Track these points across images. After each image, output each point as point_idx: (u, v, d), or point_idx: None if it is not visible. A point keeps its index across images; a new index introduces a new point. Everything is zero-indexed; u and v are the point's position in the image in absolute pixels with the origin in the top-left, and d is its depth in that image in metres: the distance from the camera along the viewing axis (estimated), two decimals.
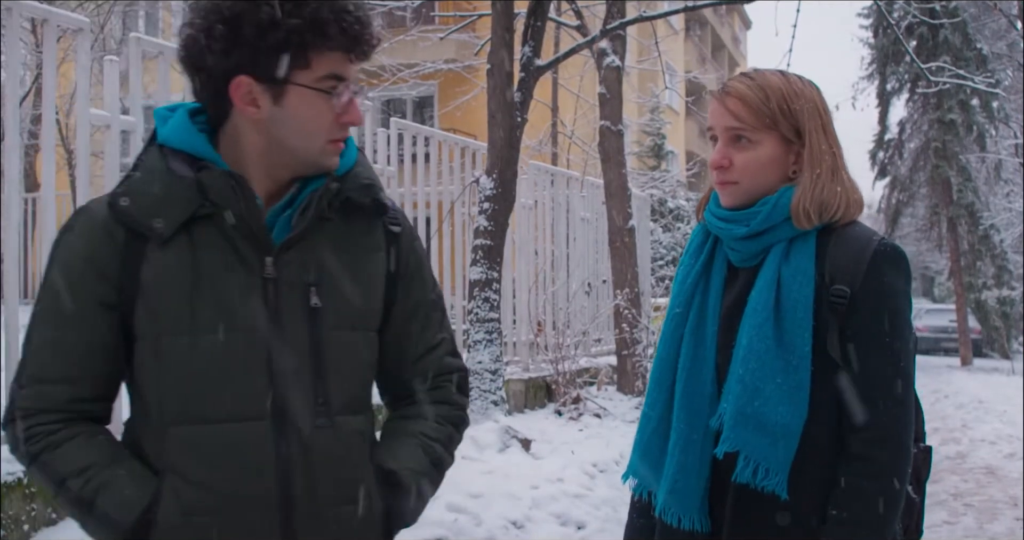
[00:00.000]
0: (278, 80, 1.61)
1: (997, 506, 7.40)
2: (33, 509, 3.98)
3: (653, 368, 2.09)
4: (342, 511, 1.69)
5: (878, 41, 26.02)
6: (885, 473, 1.85)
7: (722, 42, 41.46)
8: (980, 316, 26.00)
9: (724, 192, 1.99)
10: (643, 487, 2.07)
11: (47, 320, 1.65)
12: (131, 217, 1.62)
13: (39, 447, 1.62)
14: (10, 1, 4.37)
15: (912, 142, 27.33)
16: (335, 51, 1.62)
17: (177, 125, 1.68)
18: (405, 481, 1.75)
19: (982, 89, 15.47)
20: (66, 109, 14.52)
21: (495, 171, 7.50)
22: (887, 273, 1.88)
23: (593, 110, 15.52)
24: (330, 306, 1.69)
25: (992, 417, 12.79)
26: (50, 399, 1.64)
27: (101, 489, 1.59)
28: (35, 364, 1.65)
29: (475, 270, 7.50)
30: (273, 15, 1.57)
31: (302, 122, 1.65)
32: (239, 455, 1.62)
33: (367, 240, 1.76)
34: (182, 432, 1.62)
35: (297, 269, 1.67)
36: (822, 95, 2.01)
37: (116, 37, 16.61)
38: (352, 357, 1.73)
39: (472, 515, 5.14)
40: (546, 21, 7.99)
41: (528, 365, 9.55)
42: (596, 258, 11.57)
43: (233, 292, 1.63)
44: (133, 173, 1.66)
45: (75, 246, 1.65)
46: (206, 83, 1.65)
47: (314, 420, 1.66)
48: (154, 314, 1.62)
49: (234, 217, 1.63)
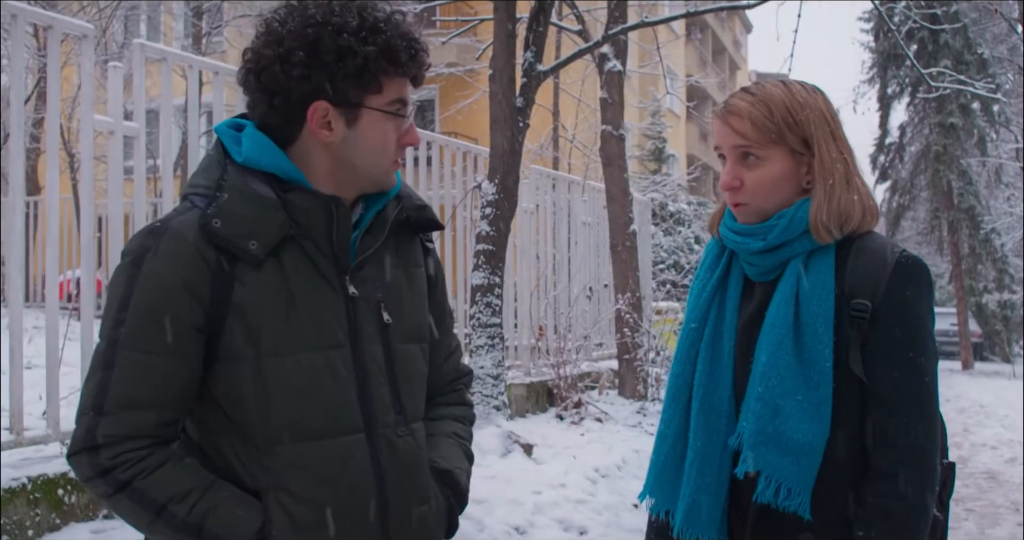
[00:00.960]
0: (353, 104, 1.70)
1: (999, 511, 7.40)
2: (37, 514, 3.99)
3: (668, 385, 2.05)
4: (419, 512, 1.80)
5: (879, 45, 26.07)
6: (912, 492, 1.80)
7: (723, 46, 41.46)
8: (981, 320, 26.03)
9: (739, 212, 1.95)
10: (660, 507, 2.02)
11: (136, 345, 1.63)
12: (225, 239, 1.65)
13: (131, 474, 1.62)
14: (13, 2, 4.38)
15: (913, 146, 27.38)
16: (403, 76, 1.72)
17: (259, 146, 1.71)
18: (461, 480, 1.91)
19: (982, 94, 15.46)
20: (68, 113, 14.53)
21: (497, 176, 7.50)
22: (909, 287, 1.84)
23: (594, 114, 15.54)
24: (396, 321, 1.80)
25: (993, 421, 12.79)
26: (140, 424, 1.64)
27: (210, 513, 1.63)
28: (124, 389, 1.63)
29: (477, 275, 7.50)
30: (351, 42, 1.65)
31: (372, 144, 1.73)
32: (342, 469, 1.69)
33: (414, 256, 1.89)
34: (290, 450, 1.67)
35: (370, 286, 1.77)
36: (828, 101, 1.96)
37: (118, 41, 16.62)
38: (416, 368, 1.85)
39: (475, 520, 5.14)
40: (548, 26, 8.00)
41: (530, 370, 9.55)
42: (597, 262, 11.57)
43: (324, 311, 1.71)
44: (220, 194, 1.67)
45: (167, 269, 1.64)
46: (280, 107, 1.69)
47: (396, 429, 1.76)
48: (253, 335, 1.66)
49: (325, 239, 1.70)
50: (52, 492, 4.07)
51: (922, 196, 27.24)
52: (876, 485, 1.81)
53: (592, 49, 8.81)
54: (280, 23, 1.68)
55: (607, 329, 11.35)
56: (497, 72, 7.54)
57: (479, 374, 7.32)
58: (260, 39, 1.69)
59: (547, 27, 7.94)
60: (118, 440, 1.62)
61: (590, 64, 13.23)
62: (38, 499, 4.00)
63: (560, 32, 13.85)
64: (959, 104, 23.89)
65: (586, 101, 18.03)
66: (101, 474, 1.62)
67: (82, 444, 1.63)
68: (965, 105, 24.02)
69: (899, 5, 16.12)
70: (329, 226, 1.70)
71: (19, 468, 4.08)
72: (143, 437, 1.64)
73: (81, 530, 4.13)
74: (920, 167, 26.66)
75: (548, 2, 7.82)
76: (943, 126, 24.32)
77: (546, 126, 18.50)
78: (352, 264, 1.75)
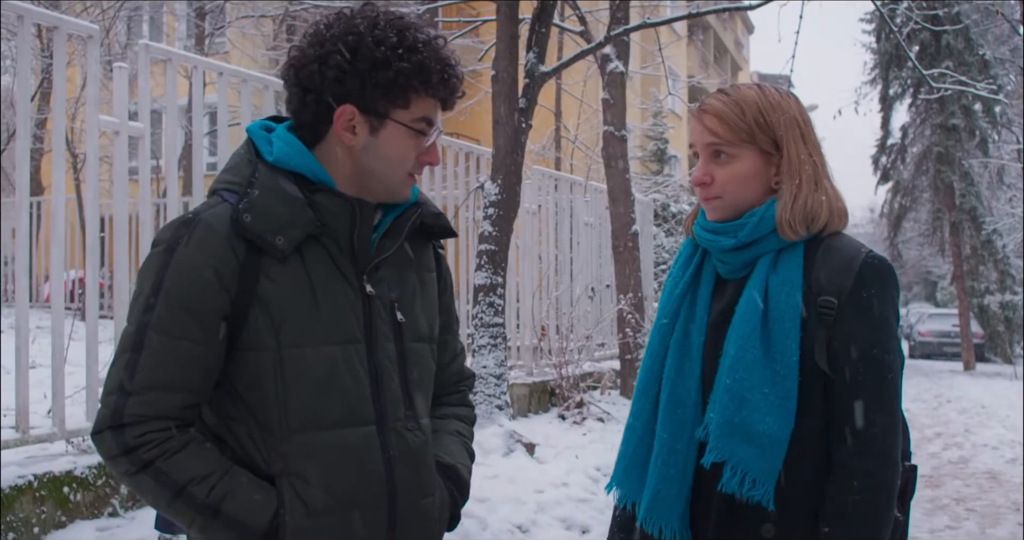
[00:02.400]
0: (379, 114, 1.79)
1: (999, 511, 7.42)
2: (43, 512, 4.01)
3: (639, 378, 2.11)
4: (424, 503, 1.88)
5: (881, 46, 26.05)
6: (874, 485, 1.85)
7: (725, 47, 41.45)
8: (983, 321, 26.00)
9: (709, 207, 2.03)
10: (627, 498, 2.07)
11: (167, 329, 1.70)
12: (254, 233, 1.73)
13: (154, 454, 1.69)
14: (19, 2, 4.40)
15: (915, 147, 27.36)
16: (432, 97, 1.81)
17: (290, 146, 1.81)
18: (464, 475, 2.00)
19: (984, 95, 15.48)
20: (71, 113, 14.56)
21: (500, 176, 7.53)
22: (874, 286, 1.89)
23: (596, 115, 15.56)
24: (409, 320, 1.89)
25: (994, 422, 12.81)
26: (165, 405, 1.70)
27: (228, 496, 1.70)
28: (153, 370, 1.69)
29: (480, 275, 7.53)
30: (387, 55, 1.74)
31: (390, 155, 1.82)
32: (355, 458, 1.78)
33: (426, 261, 1.98)
34: (306, 438, 1.75)
35: (385, 287, 1.87)
36: (801, 105, 2.03)
37: (121, 42, 16.64)
38: (425, 366, 1.94)
39: (478, 519, 5.16)
40: (550, 27, 8.02)
41: (532, 369, 9.57)
42: (599, 262, 11.59)
43: (343, 307, 1.80)
44: (251, 191, 1.76)
45: (198, 257, 1.71)
46: (311, 104, 1.79)
47: (406, 424, 1.85)
48: (276, 326, 1.74)
49: (347, 239, 1.79)
50: (58, 490, 4.10)
51: (924, 197, 27.22)
52: (839, 479, 1.86)
53: (594, 50, 8.83)
54: (327, 27, 1.79)
55: (609, 329, 11.38)
56: (500, 73, 7.57)
57: (482, 374, 7.35)
58: (306, 39, 1.80)
59: (549, 28, 7.96)
60: (144, 419, 1.68)
61: (592, 65, 13.25)
62: (44, 497, 4.03)
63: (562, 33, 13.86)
64: (961, 105, 23.87)
65: (588, 102, 18.06)
66: (126, 452, 1.68)
67: (109, 422, 1.69)
68: (967, 106, 24.00)
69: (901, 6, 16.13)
70: (352, 227, 1.80)
71: (25, 466, 4.11)
72: (168, 418, 1.70)
73: (87, 528, 4.15)
74: (922, 168, 26.64)
75: (550, 3, 7.84)
76: (945, 127, 24.29)
77: (548, 127, 18.52)
78: (370, 265, 1.83)
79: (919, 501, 7.82)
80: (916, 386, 19.13)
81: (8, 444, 4.30)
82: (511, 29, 7.72)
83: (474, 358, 7.45)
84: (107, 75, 11.61)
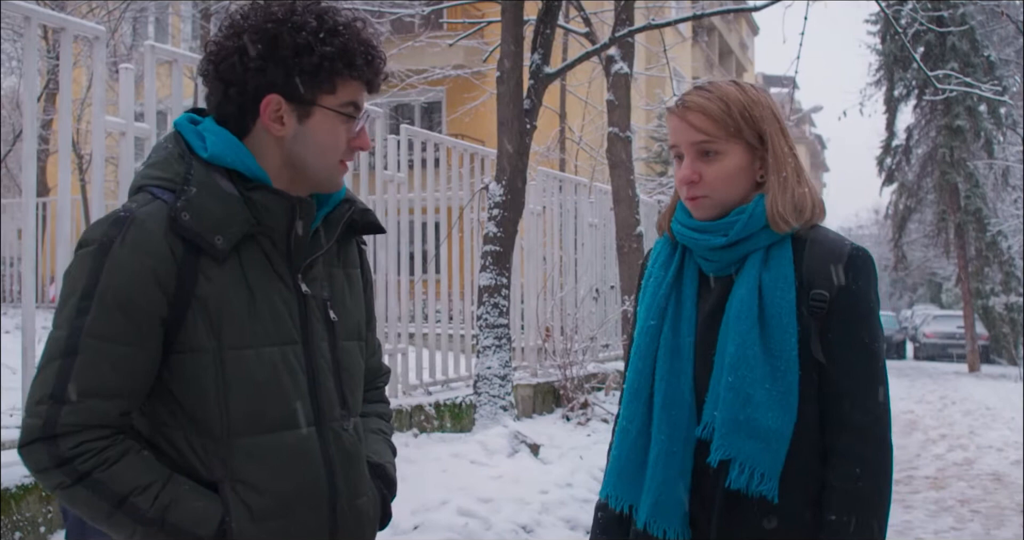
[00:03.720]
0: (306, 101, 1.74)
1: (1004, 513, 7.41)
2: (49, 511, 4.03)
3: (628, 380, 2.09)
4: (360, 502, 1.86)
5: (885, 47, 26.04)
6: (873, 470, 1.90)
7: (729, 48, 41.47)
8: (987, 322, 25.97)
9: (696, 206, 2.00)
10: (623, 502, 2.05)
11: (102, 333, 1.62)
12: (193, 232, 1.66)
13: (91, 465, 1.61)
14: (26, 3, 4.42)
15: (920, 148, 27.33)
16: (357, 80, 1.77)
17: (224, 142, 1.74)
18: (391, 473, 2.00)
19: (989, 97, 15.46)
20: (76, 114, 14.59)
21: (504, 177, 7.53)
22: (861, 277, 1.93)
23: (601, 116, 15.55)
24: (341, 319, 1.87)
25: (999, 424, 12.79)
26: (102, 414, 1.63)
27: (171, 505, 1.64)
28: (88, 377, 1.62)
29: (484, 276, 7.54)
30: (309, 40, 1.70)
31: (321, 142, 1.77)
32: (297, 460, 1.75)
33: (351, 257, 1.94)
34: (248, 442, 1.71)
35: (318, 285, 1.83)
36: (774, 100, 2.05)
37: (126, 43, 16.68)
38: (357, 365, 1.92)
39: (482, 519, 5.17)
40: (555, 28, 8.03)
41: (536, 370, 9.58)
42: (604, 264, 11.60)
43: (280, 307, 1.75)
44: (187, 188, 1.69)
45: (133, 259, 1.64)
46: (234, 97, 1.73)
47: (342, 423, 1.83)
48: (215, 328, 1.68)
49: (283, 238, 1.75)
50: None
51: (928, 198, 27.19)
52: (838, 466, 1.90)
53: (599, 51, 8.84)
54: (243, 17, 1.74)
55: (613, 330, 11.38)
56: (505, 74, 7.58)
57: (486, 374, 7.36)
58: (223, 32, 1.75)
59: (554, 29, 7.97)
60: (79, 429, 1.61)
61: (597, 66, 13.26)
62: (50, 496, 4.04)
63: (567, 34, 13.88)
64: (966, 106, 23.85)
65: (592, 103, 18.05)
66: (59, 465, 1.61)
67: (40, 433, 1.61)
68: (972, 108, 23.98)
69: (906, 7, 16.15)
70: (290, 226, 1.75)
71: None
72: (104, 427, 1.63)
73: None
74: (927, 169, 26.62)
75: (555, 4, 7.85)
76: (950, 128, 24.27)
77: (552, 128, 18.52)
78: (304, 263, 1.80)
79: (924, 502, 7.81)
80: (921, 388, 19.11)
81: (14, 444, 4.31)
82: (516, 30, 7.73)
83: (479, 359, 7.46)
84: (112, 76, 11.64)
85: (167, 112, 5.30)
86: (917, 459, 10.03)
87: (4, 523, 3.84)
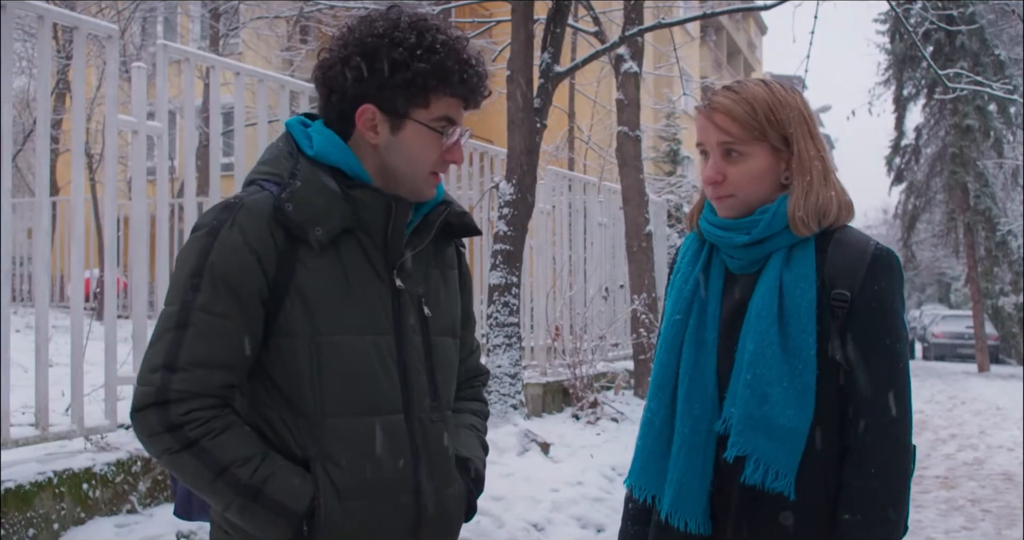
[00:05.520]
0: (399, 113, 1.84)
1: (1015, 512, 7.40)
2: (62, 508, 4.04)
3: (654, 374, 2.12)
4: (446, 493, 1.93)
5: (895, 46, 25.99)
6: (891, 471, 1.90)
7: (738, 47, 41.39)
8: (997, 322, 25.90)
9: (721, 205, 2.04)
10: (646, 491, 2.09)
11: (212, 308, 1.73)
12: (295, 222, 1.77)
13: (200, 432, 1.71)
14: (37, 2, 4.44)
15: (929, 147, 27.27)
16: (453, 97, 1.85)
17: (329, 142, 1.86)
18: (479, 468, 2.06)
19: (999, 96, 15.42)
20: (87, 113, 14.62)
21: (515, 176, 7.54)
22: (884, 277, 1.93)
23: (610, 115, 15.56)
24: (435, 315, 1.95)
25: (1010, 423, 12.76)
26: (208, 383, 1.73)
27: (270, 479, 1.73)
28: (198, 347, 1.72)
29: (495, 275, 7.54)
30: (405, 57, 1.80)
31: (412, 153, 1.86)
32: (384, 444, 1.82)
33: (448, 258, 2.03)
34: (339, 423, 1.80)
35: (413, 282, 1.92)
36: (806, 101, 2.05)
37: (136, 43, 16.72)
38: (450, 360, 1.99)
39: (493, 517, 5.18)
40: (565, 27, 8.03)
41: (546, 369, 9.58)
42: (613, 263, 11.60)
43: (373, 299, 1.85)
44: (293, 182, 1.80)
45: (240, 239, 1.75)
46: (336, 103, 1.86)
47: (431, 415, 1.90)
48: (311, 314, 1.78)
49: (380, 234, 1.84)
50: (77, 486, 4.13)
51: (938, 198, 27.12)
52: (856, 466, 1.91)
53: (609, 50, 8.84)
54: (350, 30, 1.85)
55: (623, 329, 11.38)
56: (515, 73, 7.58)
57: (496, 373, 7.36)
58: (334, 42, 1.86)
59: (564, 29, 7.98)
60: (189, 396, 1.71)
61: (606, 65, 13.25)
62: (63, 493, 4.06)
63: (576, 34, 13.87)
64: (975, 106, 23.79)
65: (602, 102, 18.06)
66: (170, 430, 1.70)
67: (153, 398, 1.71)
68: (981, 107, 23.92)
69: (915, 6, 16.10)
70: (386, 223, 1.84)
71: (45, 463, 4.14)
72: (212, 396, 1.73)
73: (105, 524, 4.18)
74: (936, 169, 26.56)
75: (565, 4, 7.85)
76: (959, 128, 24.21)
77: (562, 127, 18.52)
78: (400, 260, 1.88)
79: (935, 502, 7.80)
80: (930, 388, 19.07)
81: (28, 441, 4.33)
82: (526, 30, 7.74)
83: (489, 357, 7.47)
84: (122, 76, 11.66)
85: (176, 111, 5.31)
86: (927, 459, 10.01)
87: (19, 520, 3.86)
